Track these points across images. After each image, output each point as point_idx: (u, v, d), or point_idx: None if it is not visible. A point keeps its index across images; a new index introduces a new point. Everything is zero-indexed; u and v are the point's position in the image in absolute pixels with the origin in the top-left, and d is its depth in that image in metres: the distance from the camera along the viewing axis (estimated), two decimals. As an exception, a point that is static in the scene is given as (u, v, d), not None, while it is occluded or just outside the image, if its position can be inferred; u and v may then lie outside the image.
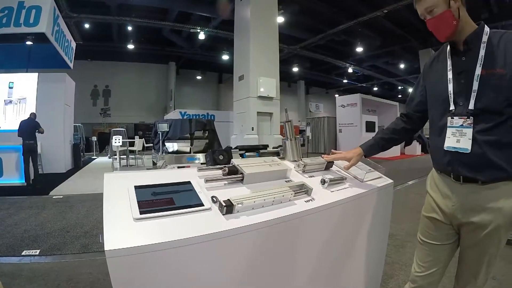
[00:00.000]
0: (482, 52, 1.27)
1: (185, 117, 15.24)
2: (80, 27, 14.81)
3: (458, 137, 1.31)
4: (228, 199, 1.11)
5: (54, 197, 6.35)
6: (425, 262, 1.52)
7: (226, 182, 1.33)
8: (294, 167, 1.71)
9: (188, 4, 13.67)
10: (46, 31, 7.90)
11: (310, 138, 18.06)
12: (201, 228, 1.00)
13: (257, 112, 11.43)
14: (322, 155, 1.78)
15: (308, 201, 1.40)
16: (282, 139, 1.98)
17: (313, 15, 14.36)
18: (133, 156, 12.84)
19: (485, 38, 1.29)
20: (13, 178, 7.64)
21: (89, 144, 17.38)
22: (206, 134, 8.88)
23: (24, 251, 3.43)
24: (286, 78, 26.24)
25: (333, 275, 1.63)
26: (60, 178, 8.67)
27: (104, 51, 19.60)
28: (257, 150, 2.01)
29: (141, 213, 0.97)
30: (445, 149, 1.36)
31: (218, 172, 1.37)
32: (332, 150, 1.76)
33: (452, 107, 1.35)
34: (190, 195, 1.14)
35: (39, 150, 7.91)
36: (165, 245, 0.90)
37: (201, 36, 15.54)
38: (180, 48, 19.55)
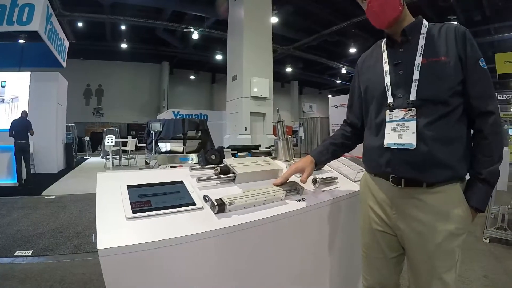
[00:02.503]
0: (422, 42, 1.19)
1: (178, 117, 15.19)
2: (73, 25, 14.68)
3: (400, 132, 1.18)
4: (220, 198, 1.13)
5: (46, 197, 6.31)
6: (374, 276, 1.39)
7: (218, 182, 1.35)
8: (286, 167, 1.73)
9: (182, 4, 13.61)
10: (39, 30, 7.81)
11: (303, 138, 18.12)
12: (194, 227, 1.02)
13: (250, 112, 11.44)
14: (273, 183, 1.44)
15: (299, 200, 1.41)
16: (274, 139, 2.00)
17: (307, 15, 14.39)
18: (126, 156, 12.79)
19: (424, 29, 1.22)
20: (5, 178, 7.57)
21: (81, 144, 17.27)
22: (199, 134, 8.87)
23: (17, 252, 3.41)
24: (279, 79, 26.27)
25: (324, 273, 1.64)
26: (52, 178, 8.62)
27: (97, 50, 19.43)
28: (249, 150, 2.03)
29: (133, 212, 0.99)
30: (386, 146, 1.21)
31: (210, 172, 1.38)
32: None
33: (390, 100, 1.23)
34: (182, 194, 1.16)
35: (31, 150, 7.85)
36: (158, 243, 0.91)
37: (195, 35, 15.48)
38: (174, 48, 19.44)
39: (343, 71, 22.70)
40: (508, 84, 15.59)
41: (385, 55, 1.31)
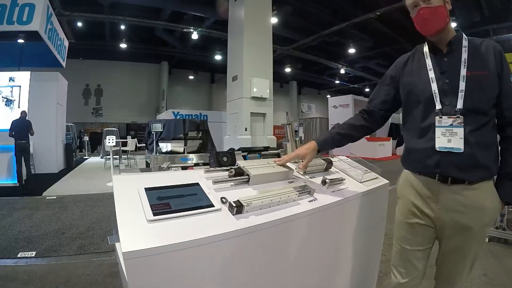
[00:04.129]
0: (464, 55, 1.32)
1: (178, 117, 15.20)
2: (73, 25, 14.67)
3: (449, 136, 1.31)
4: (238, 200, 1.14)
5: (47, 197, 6.30)
6: (407, 268, 1.50)
7: (232, 183, 1.36)
8: (296, 168, 1.74)
9: (181, 4, 13.62)
10: (39, 29, 7.81)
11: (302, 138, 18.18)
12: (214, 228, 1.02)
13: (251, 113, 11.46)
14: (274, 160, 1.61)
15: (311, 201, 1.43)
16: (282, 141, 2.02)
17: (306, 16, 14.42)
18: (126, 156, 12.78)
19: (465, 43, 1.35)
20: (5, 178, 7.54)
21: (81, 144, 17.26)
22: (199, 135, 8.87)
23: (20, 253, 3.41)
24: (278, 79, 26.29)
25: (335, 272, 1.68)
26: (52, 178, 8.61)
27: (96, 50, 19.44)
28: (259, 151, 2.04)
29: (154, 214, 0.99)
30: (437, 149, 1.33)
31: (224, 174, 1.40)
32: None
33: (439, 106, 1.34)
34: (199, 196, 1.16)
35: (31, 150, 7.81)
36: (181, 245, 0.91)
37: (194, 36, 15.49)
38: (173, 48, 19.46)
39: (342, 71, 22.76)
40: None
41: (428, 62, 1.42)
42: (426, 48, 1.45)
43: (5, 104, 9.24)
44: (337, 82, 27.68)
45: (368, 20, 13.29)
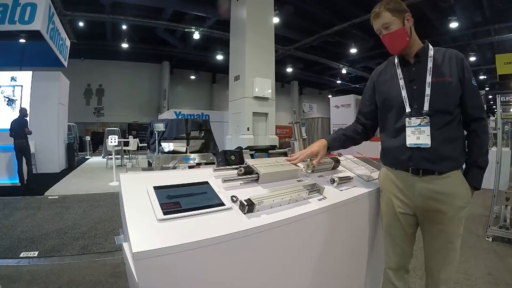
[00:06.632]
0: (430, 64, 1.52)
1: (180, 117, 15.18)
2: (74, 25, 14.63)
3: (418, 134, 1.50)
4: (249, 199, 1.12)
5: (49, 197, 6.29)
6: (395, 250, 1.67)
7: (241, 182, 1.34)
8: (303, 167, 1.72)
9: (182, 4, 13.58)
10: (41, 29, 7.78)
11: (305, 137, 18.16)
12: (226, 227, 1.00)
13: (253, 113, 11.42)
14: (286, 158, 1.70)
15: (321, 199, 1.43)
16: (290, 140, 2.01)
17: (307, 16, 14.37)
18: (127, 156, 12.77)
19: (430, 53, 1.55)
20: (7, 178, 7.53)
21: (82, 144, 17.27)
22: (202, 134, 8.84)
23: (22, 253, 3.38)
24: (279, 79, 26.22)
25: (345, 269, 1.69)
26: (54, 178, 8.61)
27: (97, 49, 19.36)
28: (266, 150, 2.03)
29: (164, 213, 0.97)
30: (408, 146, 1.52)
31: (233, 172, 1.38)
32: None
33: (408, 110, 1.54)
34: (209, 195, 1.14)
35: (32, 150, 7.78)
36: (193, 245, 0.89)
37: (196, 35, 15.43)
38: (174, 48, 19.42)
39: (344, 71, 22.71)
40: (508, 85, 15.60)
41: (399, 72, 1.62)
42: (396, 60, 1.65)
43: (7, 104, 9.27)
44: (338, 82, 27.62)
45: (369, 20, 13.19)
